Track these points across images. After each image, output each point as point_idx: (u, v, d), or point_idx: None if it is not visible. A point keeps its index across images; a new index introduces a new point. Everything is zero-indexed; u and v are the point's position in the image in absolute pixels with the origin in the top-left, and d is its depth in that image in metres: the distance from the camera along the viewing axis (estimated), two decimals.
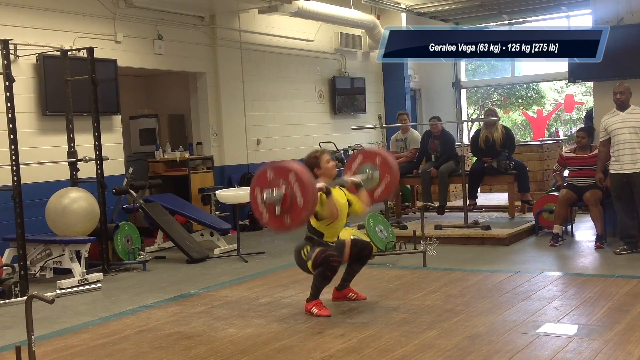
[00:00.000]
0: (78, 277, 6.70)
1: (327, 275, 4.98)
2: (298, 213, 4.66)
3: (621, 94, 7.10)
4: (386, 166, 5.66)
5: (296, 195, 4.63)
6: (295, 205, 4.65)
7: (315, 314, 4.94)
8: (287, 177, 4.67)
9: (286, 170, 4.71)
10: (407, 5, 12.82)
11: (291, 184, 4.65)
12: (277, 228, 4.84)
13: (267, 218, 4.79)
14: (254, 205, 4.86)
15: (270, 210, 4.74)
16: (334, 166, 5.21)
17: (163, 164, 10.15)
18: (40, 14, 8.15)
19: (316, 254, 4.97)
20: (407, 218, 9.83)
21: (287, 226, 4.74)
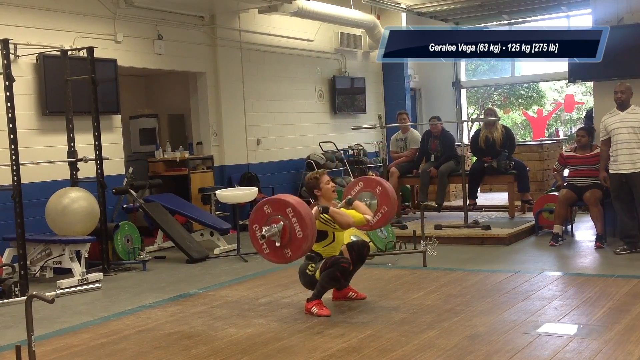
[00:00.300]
0: (78, 277, 6.70)
1: (335, 276, 4.99)
2: (299, 245, 4.73)
3: (622, 93, 7.10)
4: (385, 197, 5.71)
5: (295, 228, 4.70)
6: (295, 238, 4.71)
7: (315, 313, 4.94)
8: (285, 211, 4.73)
9: (283, 205, 4.76)
10: (407, 5, 12.81)
11: (289, 217, 4.71)
12: (278, 261, 4.92)
13: (267, 251, 4.85)
14: (254, 241, 4.91)
15: (271, 244, 4.80)
16: (334, 187, 5.26)
17: (163, 164, 10.15)
18: (40, 14, 8.16)
19: (325, 261, 5.00)
20: (407, 218, 9.84)
21: (288, 258, 4.83)
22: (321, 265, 5.00)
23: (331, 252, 5.12)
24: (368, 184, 5.80)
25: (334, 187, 5.26)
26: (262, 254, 4.92)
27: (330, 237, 5.09)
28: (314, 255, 5.09)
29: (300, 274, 5.17)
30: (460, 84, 15.68)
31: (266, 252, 4.86)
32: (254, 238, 4.89)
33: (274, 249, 4.80)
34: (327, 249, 5.11)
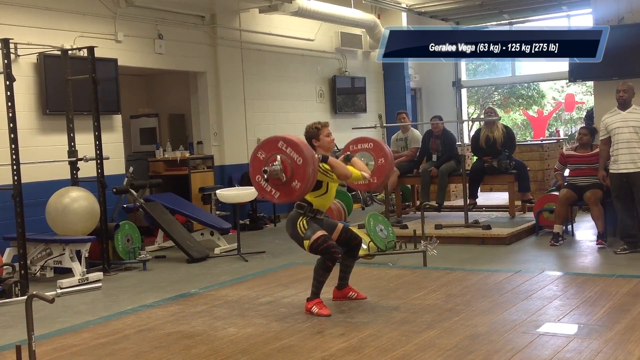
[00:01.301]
0: (78, 277, 6.70)
1: (327, 267, 4.99)
2: (303, 171, 4.73)
3: (624, 92, 7.10)
4: (379, 150, 5.75)
5: (293, 157, 4.74)
6: (296, 166, 4.74)
7: (316, 313, 4.94)
8: (277, 147, 4.82)
9: (273, 142, 4.87)
10: (407, 4, 12.81)
11: (284, 150, 4.78)
12: (290, 198, 4.90)
13: (278, 194, 4.86)
14: (261, 191, 4.93)
15: (278, 184, 4.81)
16: (332, 140, 5.24)
17: (163, 164, 10.16)
18: (40, 14, 8.16)
19: (316, 238, 4.95)
20: (408, 217, 9.83)
21: (298, 190, 4.79)
22: (312, 240, 4.94)
23: (322, 204, 5.11)
24: (376, 149, 5.83)
25: (333, 139, 5.24)
26: (273, 199, 4.94)
27: (324, 188, 5.08)
28: (305, 205, 5.06)
29: (289, 222, 5.12)
30: (461, 83, 15.68)
31: (277, 195, 4.87)
32: (261, 189, 4.92)
33: (282, 187, 4.81)
34: (319, 199, 5.09)
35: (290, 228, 5.12)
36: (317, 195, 5.07)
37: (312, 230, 5.00)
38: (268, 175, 4.79)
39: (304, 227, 5.02)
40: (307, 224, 5.03)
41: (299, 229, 5.04)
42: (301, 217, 5.06)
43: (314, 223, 5.05)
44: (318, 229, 5.02)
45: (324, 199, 5.12)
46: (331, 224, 5.25)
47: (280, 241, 9.13)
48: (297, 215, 5.09)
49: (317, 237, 4.96)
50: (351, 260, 5.35)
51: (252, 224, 10.44)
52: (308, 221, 5.04)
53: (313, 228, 5.01)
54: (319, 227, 5.04)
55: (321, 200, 5.11)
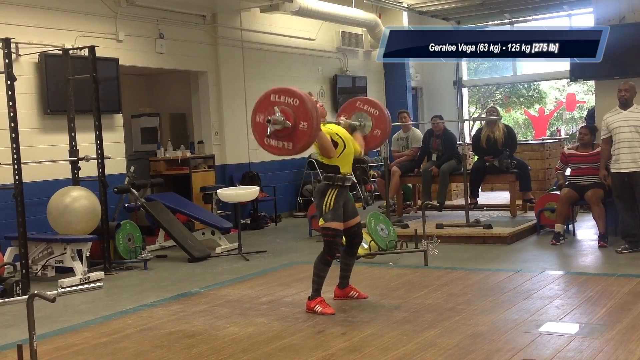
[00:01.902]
0: (79, 276, 6.70)
1: (327, 261, 5.01)
2: (304, 110, 4.68)
3: (626, 91, 7.10)
4: (381, 121, 5.70)
5: (289, 102, 4.72)
6: (296, 109, 4.70)
7: (319, 312, 4.93)
8: (271, 101, 4.78)
9: (266, 98, 4.81)
10: (408, 4, 12.81)
11: (278, 101, 4.75)
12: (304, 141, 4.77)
13: (291, 144, 4.78)
14: (274, 150, 4.86)
15: (286, 134, 4.74)
16: (322, 106, 5.17)
17: (164, 163, 10.16)
18: (41, 13, 8.16)
19: (329, 227, 4.95)
20: (409, 217, 9.83)
21: (308, 130, 4.71)
22: (327, 224, 4.95)
23: (346, 162, 5.06)
24: (366, 103, 5.80)
25: (321, 105, 5.16)
26: (290, 152, 4.85)
27: (341, 144, 5.02)
28: (332, 175, 5.02)
29: (318, 193, 5.09)
30: (462, 83, 15.67)
31: (291, 146, 4.78)
32: (274, 149, 4.84)
33: (293, 136, 4.73)
34: (342, 158, 5.03)
35: (317, 198, 5.09)
36: (339, 154, 5.02)
37: (332, 216, 4.98)
38: (273, 125, 4.70)
39: (330, 205, 4.98)
40: (333, 203, 4.99)
41: (326, 204, 4.99)
42: (330, 190, 5.03)
43: (340, 204, 5.02)
44: (338, 219, 5.00)
45: (345, 156, 5.06)
46: (354, 211, 5.23)
47: (281, 240, 9.14)
48: (326, 187, 5.05)
49: (331, 227, 4.97)
50: (350, 259, 5.34)
51: (253, 224, 10.44)
52: (336, 197, 5.00)
53: (335, 214, 4.99)
54: (340, 215, 5.01)
55: (344, 159, 5.06)
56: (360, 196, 12.14)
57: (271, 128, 4.73)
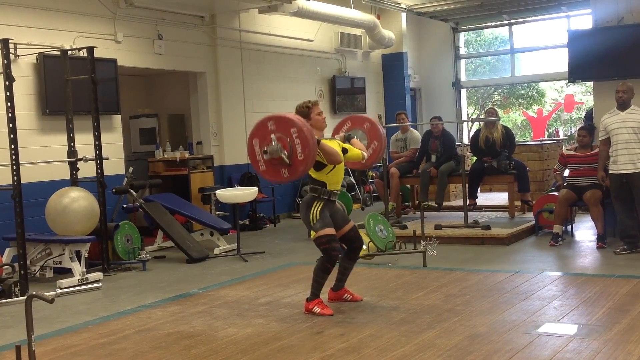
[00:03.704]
0: (78, 277, 6.70)
1: (326, 268, 4.98)
2: (303, 140, 4.68)
3: (624, 92, 7.10)
4: (374, 132, 5.70)
5: (297, 149, 4.68)
6: (295, 158, 4.70)
7: (318, 313, 4.93)
8: (268, 129, 4.75)
9: (263, 125, 4.80)
10: (407, 5, 12.83)
11: (292, 137, 4.70)
12: (300, 169, 4.80)
13: (287, 172, 4.80)
14: (271, 176, 4.87)
15: (282, 162, 4.75)
16: (324, 119, 5.19)
17: (163, 164, 10.15)
18: (40, 14, 8.16)
19: (322, 235, 4.92)
20: (407, 218, 9.84)
21: (304, 160, 4.74)
22: (318, 234, 4.93)
23: (335, 180, 5.05)
24: (355, 121, 5.80)
25: (324, 118, 5.18)
26: (284, 179, 4.86)
27: None
28: (319, 188, 5.01)
29: (304, 206, 5.07)
30: (460, 84, 15.68)
31: (286, 174, 4.80)
32: (270, 174, 4.85)
33: (289, 166, 4.75)
34: (331, 175, 5.02)
35: (303, 211, 5.07)
36: (327, 172, 5.01)
37: (321, 224, 4.95)
38: (270, 156, 4.72)
39: (316, 216, 4.97)
40: (319, 214, 4.97)
41: (312, 216, 4.98)
42: (315, 202, 5.01)
43: (327, 214, 5.00)
44: (328, 225, 4.97)
45: (335, 174, 5.05)
46: (344, 218, 5.20)
47: (279, 241, 9.13)
48: (311, 200, 5.04)
49: (324, 234, 4.94)
50: (350, 263, 5.31)
51: (251, 224, 10.44)
52: (322, 209, 4.98)
53: (324, 222, 4.96)
54: (329, 222, 4.99)
55: (333, 176, 5.04)
56: (359, 197, 12.15)
57: (267, 157, 4.75)
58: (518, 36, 15.60)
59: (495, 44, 20.04)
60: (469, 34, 19.18)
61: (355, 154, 5.23)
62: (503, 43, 18.25)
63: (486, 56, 20.32)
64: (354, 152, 5.23)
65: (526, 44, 15.92)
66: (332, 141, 5.17)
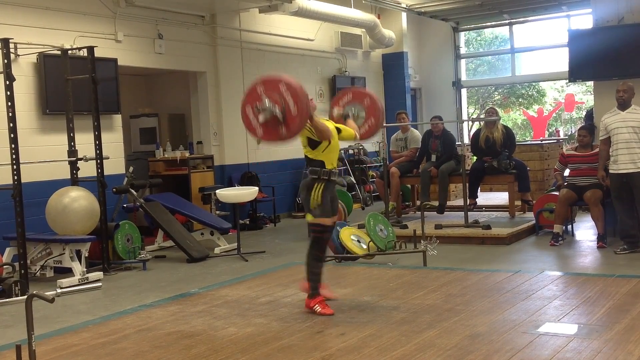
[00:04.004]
0: (78, 276, 6.70)
1: (318, 256, 5.03)
2: (292, 120, 4.70)
3: (624, 92, 7.10)
4: (373, 109, 5.71)
5: (289, 103, 4.70)
6: (288, 113, 4.72)
7: (318, 312, 4.92)
8: (279, 88, 4.77)
9: (276, 82, 4.83)
10: (407, 4, 12.83)
11: (283, 94, 4.75)
12: (272, 139, 4.85)
13: (261, 132, 4.82)
14: (249, 126, 4.90)
15: (268, 124, 4.77)
16: (312, 100, 5.12)
17: (163, 163, 10.16)
18: (40, 13, 8.16)
19: (320, 222, 4.96)
20: (408, 217, 9.83)
21: (283, 136, 4.77)
22: (313, 222, 4.99)
23: (332, 157, 5.06)
24: (356, 95, 5.81)
25: (311, 98, 5.12)
26: (255, 135, 4.90)
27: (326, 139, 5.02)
28: (318, 169, 5.00)
29: (304, 188, 5.06)
30: (461, 83, 15.69)
31: (260, 133, 4.83)
32: (246, 118, 4.90)
33: (268, 127, 4.77)
34: (327, 153, 5.02)
35: (304, 193, 5.08)
36: (323, 150, 5.01)
37: (321, 211, 4.97)
38: (264, 116, 4.75)
39: (318, 200, 4.96)
40: (321, 198, 4.96)
41: (313, 198, 4.97)
42: (316, 185, 4.99)
43: (328, 199, 5.00)
44: (326, 214, 4.99)
45: (332, 151, 5.05)
46: (335, 209, 5.18)
47: (280, 241, 9.14)
48: (312, 182, 5.03)
49: (320, 223, 4.98)
50: None
51: (252, 224, 10.44)
52: (323, 192, 4.96)
53: (324, 209, 4.97)
54: (328, 210, 5.01)
55: (330, 153, 5.05)
56: (359, 197, 12.15)
57: (262, 118, 4.75)
58: (518, 36, 15.61)
59: (496, 44, 20.05)
60: (470, 34, 19.18)
61: (348, 134, 5.28)
62: (503, 43, 18.26)
63: (486, 56, 20.33)
64: (347, 132, 5.27)
65: (526, 44, 15.92)
66: (327, 121, 5.19)
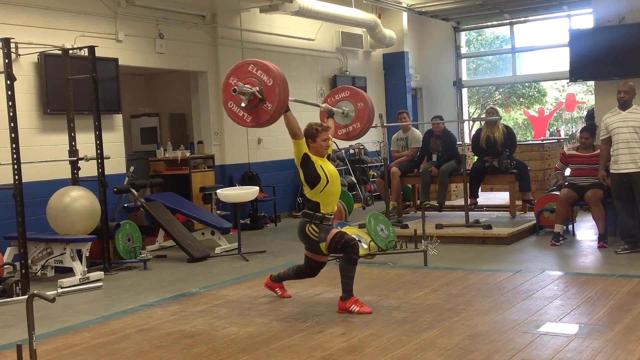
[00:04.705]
0: (79, 276, 6.70)
1: (352, 260, 4.95)
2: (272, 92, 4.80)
3: (625, 92, 7.09)
4: (362, 115, 5.79)
5: (263, 79, 4.81)
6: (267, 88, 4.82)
7: (356, 312, 4.90)
8: (248, 70, 4.89)
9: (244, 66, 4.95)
10: (408, 4, 12.82)
11: (254, 74, 4.85)
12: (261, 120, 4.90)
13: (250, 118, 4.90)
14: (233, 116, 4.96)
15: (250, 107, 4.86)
16: (327, 147, 5.16)
17: (164, 163, 10.16)
18: (41, 13, 8.16)
19: (332, 237, 4.95)
20: (408, 217, 9.83)
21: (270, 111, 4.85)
22: (329, 240, 4.95)
23: (328, 201, 5.04)
24: (353, 96, 5.87)
25: (328, 146, 5.16)
26: (246, 124, 4.96)
27: (323, 178, 5.00)
28: (311, 213, 5.02)
29: (300, 232, 5.09)
30: (462, 83, 15.68)
31: (249, 119, 4.89)
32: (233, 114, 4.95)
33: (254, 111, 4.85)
34: (324, 195, 5.01)
35: (302, 237, 5.12)
36: (320, 190, 5.00)
37: (325, 232, 5.00)
38: (245, 99, 4.79)
39: (316, 232, 5.00)
40: (317, 227, 5.01)
41: (311, 235, 5.02)
42: (308, 224, 5.03)
43: (323, 224, 5.03)
44: (330, 228, 5.03)
45: (327, 194, 5.03)
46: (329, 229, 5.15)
47: (280, 241, 9.14)
48: (304, 224, 5.06)
49: (333, 235, 4.98)
50: (296, 275, 5.41)
51: (252, 224, 10.44)
52: (318, 225, 5.02)
53: (326, 229, 5.01)
54: (328, 228, 5.04)
55: (326, 196, 5.03)
56: (360, 196, 12.15)
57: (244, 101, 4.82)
58: (519, 35, 15.60)
59: (497, 43, 20.04)
60: (470, 33, 19.17)
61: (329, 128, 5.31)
62: (504, 42, 18.25)
63: (487, 55, 20.32)
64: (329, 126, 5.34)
65: (527, 43, 15.92)
66: (327, 164, 5.16)
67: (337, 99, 5.86)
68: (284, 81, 4.86)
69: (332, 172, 5.10)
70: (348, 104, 5.79)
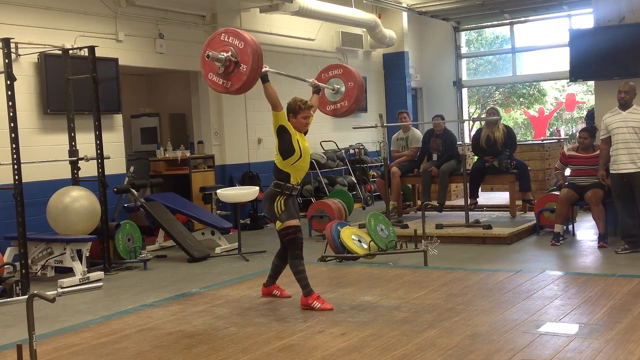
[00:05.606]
0: (79, 276, 6.70)
1: (297, 255, 5.15)
2: (246, 54, 4.97)
3: (626, 93, 7.10)
4: (351, 95, 5.87)
5: (235, 43, 4.97)
6: (240, 51, 4.97)
7: (318, 308, 4.96)
8: (220, 40, 5.00)
9: (216, 37, 5.04)
10: (408, 4, 12.83)
11: (227, 41, 4.97)
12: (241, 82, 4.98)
13: (229, 83, 4.97)
14: (215, 86, 5.03)
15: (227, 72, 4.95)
16: (307, 124, 5.25)
17: (164, 163, 10.16)
18: (41, 13, 8.16)
19: (288, 226, 5.11)
20: (408, 217, 9.83)
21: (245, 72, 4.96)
22: (285, 225, 5.11)
23: (298, 172, 5.19)
24: (345, 75, 5.94)
25: (308, 124, 5.25)
26: (227, 90, 5.03)
27: (297, 151, 5.11)
28: (282, 184, 5.13)
29: (267, 199, 5.21)
30: (462, 83, 15.68)
31: (229, 84, 4.97)
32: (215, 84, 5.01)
33: (232, 75, 4.95)
34: (295, 167, 5.14)
35: (267, 205, 5.24)
36: (293, 162, 5.13)
37: (287, 215, 5.14)
38: (221, 65, 4.88)
39: (281, 209, 5.14)
40: (284, 205, 5.14)
41: (276, 209, 5.15)
42: (279, 197, 5.15)
43: (290, 204, 5.17)
44: (293, 216, 5.16)
45: (298, 167, 5.17)
46: (298, 214, 5.31)
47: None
48: (274, 194, 5.18)
49: (290, 225, 5.13)
50: (282, 263, 5.47)
51: (252, 224, 10.44)
52: (285, 202, 5.15)
53: (289, 213, 5.15)
54: (294, 213, 5.18)
55: (296, 169, 5.17)
56: (360, 196, 12.14)
57: (221, 68, 4.91)
58: (519, 35, 15.60)
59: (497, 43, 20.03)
60: (470, 33, 19.16)
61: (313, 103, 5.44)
62: (504, 42, 18.24)
63: (487, 55, 20.32)
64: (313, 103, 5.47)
65: (527, 43, 15.91)
66: (303, 139, 5.24)
67: (330, 75, 6.00)
68: (256, 44, 5.03)
69: (306, 149, 5.22)
70: (339, 82, 5.89)
